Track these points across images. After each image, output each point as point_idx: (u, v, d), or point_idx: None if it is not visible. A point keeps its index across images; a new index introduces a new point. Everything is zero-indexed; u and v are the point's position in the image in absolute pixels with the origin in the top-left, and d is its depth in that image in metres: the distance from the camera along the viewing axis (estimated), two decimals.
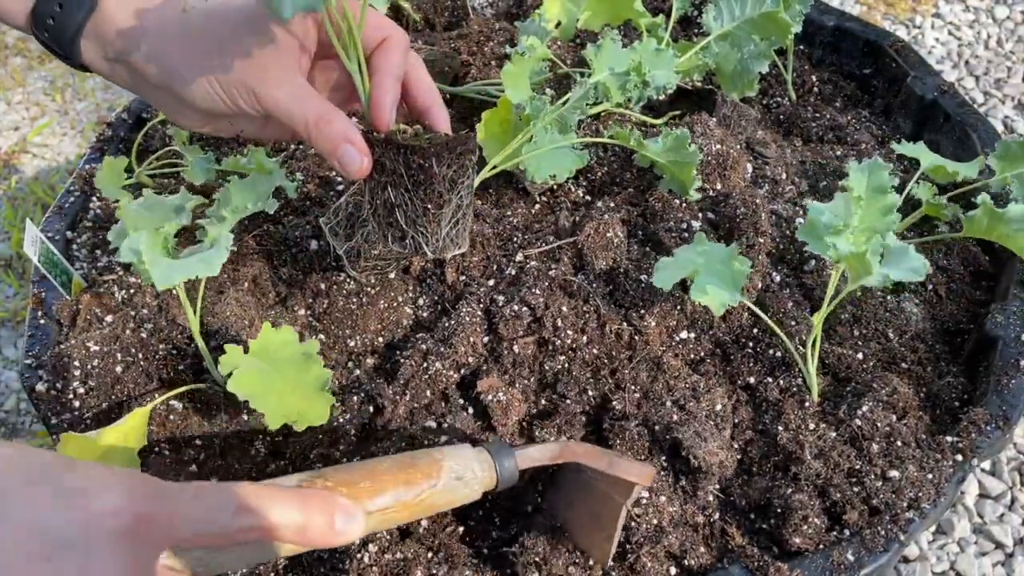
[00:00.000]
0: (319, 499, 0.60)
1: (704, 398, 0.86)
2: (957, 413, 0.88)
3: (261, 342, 0.79)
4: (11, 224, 1.88)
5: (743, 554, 0.77)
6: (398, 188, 0.73)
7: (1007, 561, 1.27)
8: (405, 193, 0.73)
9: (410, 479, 0.67)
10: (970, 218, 0.90)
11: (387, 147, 0.72)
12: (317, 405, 0.79)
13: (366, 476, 0.66)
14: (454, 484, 0.69)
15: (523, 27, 1.12)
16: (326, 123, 0.70)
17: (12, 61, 2.32)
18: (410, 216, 0.74)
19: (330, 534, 0.59)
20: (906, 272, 0.76)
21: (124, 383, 0.90)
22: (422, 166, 0.71)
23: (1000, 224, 0.87)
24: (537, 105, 0.95)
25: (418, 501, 0.67)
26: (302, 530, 0.58)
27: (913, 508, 0.77)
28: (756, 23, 1.13)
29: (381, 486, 0.66)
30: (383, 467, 0.68)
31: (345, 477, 0.65)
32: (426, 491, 0.68)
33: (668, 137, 0.99)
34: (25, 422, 1.56)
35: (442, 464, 0.69)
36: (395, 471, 0.67)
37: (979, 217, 0.88)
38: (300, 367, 0.79)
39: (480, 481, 0.71)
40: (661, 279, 0.87)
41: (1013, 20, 2.19)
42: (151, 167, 1.14)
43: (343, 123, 0.70)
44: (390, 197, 0.74)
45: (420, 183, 0.72)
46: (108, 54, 0.72)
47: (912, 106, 1.23)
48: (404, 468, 0.68)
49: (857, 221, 0.82)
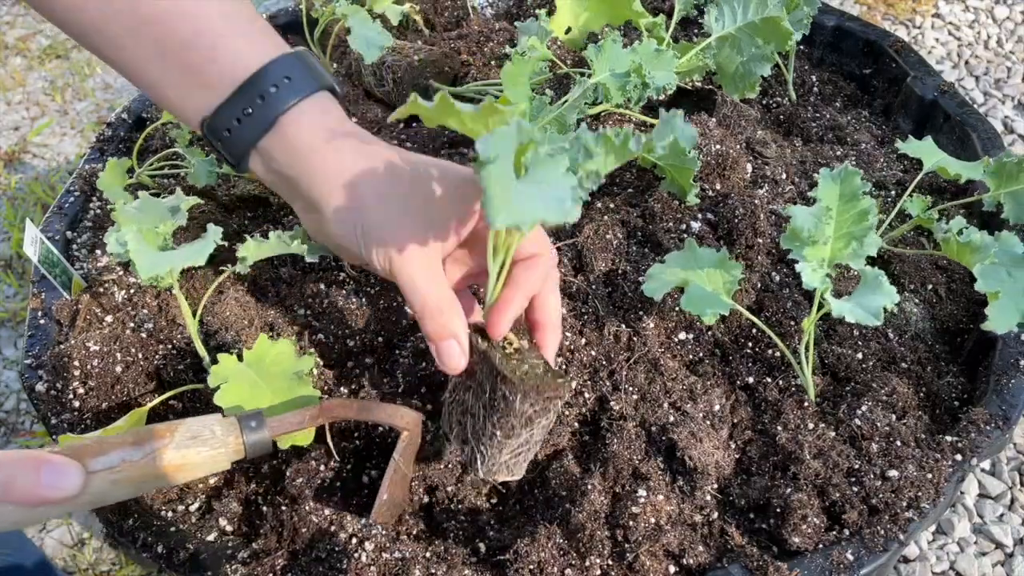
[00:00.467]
0: (26, 457, 0.61)
1: (702, 399, 0.86)
2: (957, 413, 0.88)
3: (256, 353, 0.79)
4: (11, 224, 1.88)
5: (742, 553, 0.77)
6: (478, 400, 0.71)
7: (1007, 561, 1.27)
8: (481, 409, 0.71)
9: (140, 439, 0.67)
10: (945, 240, 0.91)
11: (484, 360, 0.70)
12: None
13: (99, 440, 0.66)
14: (188, 443, 0.68)
15: (523, 27, 1.12)
16: (441, 314, 0.70)
17: (12, 61, 2.32)
18: (477, 430, 0.72)
19: (38, 489, 0.60)
20: (863, 313, 0.76)
21: (124, 383, 0.90)
22: (506, 397, 0.68)
23: (966, 251, 0.88)
24: (537, 105, 0.95)
25: (148, 461, 0.66)
26: (7, 487, 0.59)
27: (913, 508, 0.77)
28: (758, 27, 1.12)
29: (108, 446, 0.65)
30: (120, 434, 0.67)
31: (76, 443, 0.66)
32: (156, 449, 0.66)
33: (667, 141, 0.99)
34: (25, 422, 1.56)
35: (179, 426, 0.69)
36: (129, 435, 0.67)
37: (952, 241, 0.89)
38: (291, 384, 0.79)
39: (225, 444, 0.69)
40: (651, 289, 0.88)
41: (1013, 20, 2.19)
42: (152, 168, 1.14)
43: (458, 320, 0.70)
44: (467, 403, 0.73)
45: (498, 408, 0.69)
46: (273, 167, 0.73)
47: (912, 106, 1.23)
48: (139, 431, 0.68)
49: (832, 231, 0.82)
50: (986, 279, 0.84)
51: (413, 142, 1.20)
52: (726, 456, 0.83)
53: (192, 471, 0.69)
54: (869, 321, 0.76)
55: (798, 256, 0.81)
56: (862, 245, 0.81)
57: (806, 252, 0.80)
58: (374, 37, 1.16)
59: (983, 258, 0.85)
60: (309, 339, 0.93)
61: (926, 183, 1.13)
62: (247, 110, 0.70)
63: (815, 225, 0.81)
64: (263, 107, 0.69)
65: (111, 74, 2.29)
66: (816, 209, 0.82)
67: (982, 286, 0.83)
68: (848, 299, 0.79)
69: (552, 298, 0.75)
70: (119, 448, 0.66)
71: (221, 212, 1.09)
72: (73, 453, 0.64)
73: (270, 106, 0.70)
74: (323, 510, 0.78)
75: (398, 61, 1.23)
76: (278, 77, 0.70)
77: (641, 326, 0.91)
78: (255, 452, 0.71)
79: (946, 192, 1.12)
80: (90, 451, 0.65)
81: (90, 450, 0.65)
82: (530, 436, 0.71)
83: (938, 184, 1.13)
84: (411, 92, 1.24)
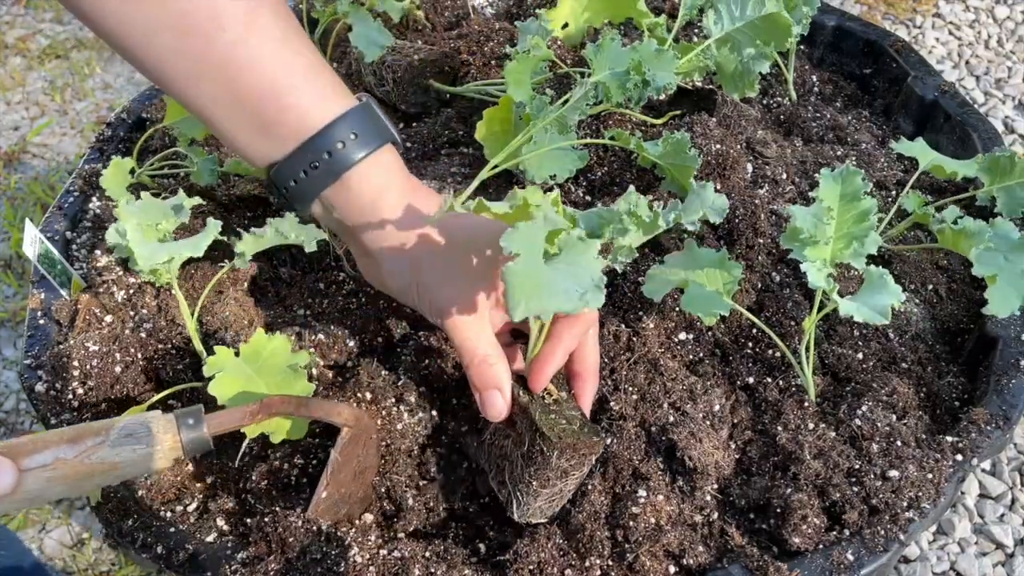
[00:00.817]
0: None
1: (701, 399, 0.86)
2: (957, 413, 0.88)
3: (253, 347, 0.80)
4: (11, 224, 1.88)
5: (743, 554, 0.77)
6: (516, 449, 0.74)
7: (1007, 561, 1.27)
8: (520, 458, 0.73)
9: (76, 436, 0.66)
10: (940, 231, 0.91)
11: (524, 413, 0.73)
12: (297, 420, 0.80)
13: (35, 437, 0.66)
14: (123, 441, 0.67)
15: (523, 27, 1.12)
16: (488, 365, 0.73)
17: (12, 61, 2.32)
18: (514, 477, 0.74)
19: None
20: (870, 312, 0.77)
21: (123, 383, 0.90)
22: (543, 451, 0.71)
23: (961, 238, 0.89)
24: (538, 104, 0.95)
25: (82, 460, 0.66)
26: None
27: (913, 508, 0.77)
28: (756, 26, 1.12)
29: (44, 444, 0.65)
30: (60, 430, 0.67)
31: (12, 441, 0.65)
32: (90, 447, 0.66)
33: (667, 141, 0.99)
34: (25, 422, 1.56)
35: (115, 423, 0.68)
36: (66, 433, 0.67)
37: (947, 231, 0.90)
38: (286, 378, 0.80)
39: (161, 443, 0.69)
40: (650, 290, 0.88)
41: (1013, 20, 2.19)
42: (152, 168, 1.14)
43: (503, 372, 0.74)
44: (507, 449, 0.75)
45: (535, 461, 0.72)
46: (335, 215, 0.77)
47: (913, 106, 1.23)
48: (77, 429, 0.67)
49: (832, 231, 0.82)
50: (983, 264, 0.84)
51: (413, 142, 1.20)
52: (726, 456, 0.83)
53: (128, 469, 0.68)
54: (877, 320, 0.76)
55: (799, 256, 0.81)
56: (863, 245, 0.81)
57: (807, 252, 0.80)
58: (375, 36, 1.16)
59: (979, 244, 0.85)
60: (309, 339, 0.93)
61: (926, 183, 1.13)
62: (314, 164, 0.73)
63: (815, 225, 0.81)
64: (330, 162, 0.73)
65: (111, 74, 2.29)
66: (816, 209, 0.82)
67: (979, 271, 0.84)
68: (854, 298, 0.79)
69: (592, 352, 0.79)
70: (54, 446, 0.65)
71: (221, 212, 1.09)
72: (7, 451, 0.63)
73: (337, 162, 0.73)
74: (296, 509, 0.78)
75: (398, 61, 1.23)
76: (345, 133, 0.73)
77: (641, 326, 0.91)
78: (193, 450, 0.70)
79: (946, 192, 1.12)
80: (24, 449, 0.64)
81: (24, 448, 0.64)
82: (564, 486, 0.74)
83: (938, 184, 1.13)
84: (411, 91, 1.24)
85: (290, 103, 0.72)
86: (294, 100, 0.72)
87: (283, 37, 0.71)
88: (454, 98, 1.25)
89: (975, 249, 0.85)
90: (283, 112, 0.72)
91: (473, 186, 1.01)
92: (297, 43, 0.73)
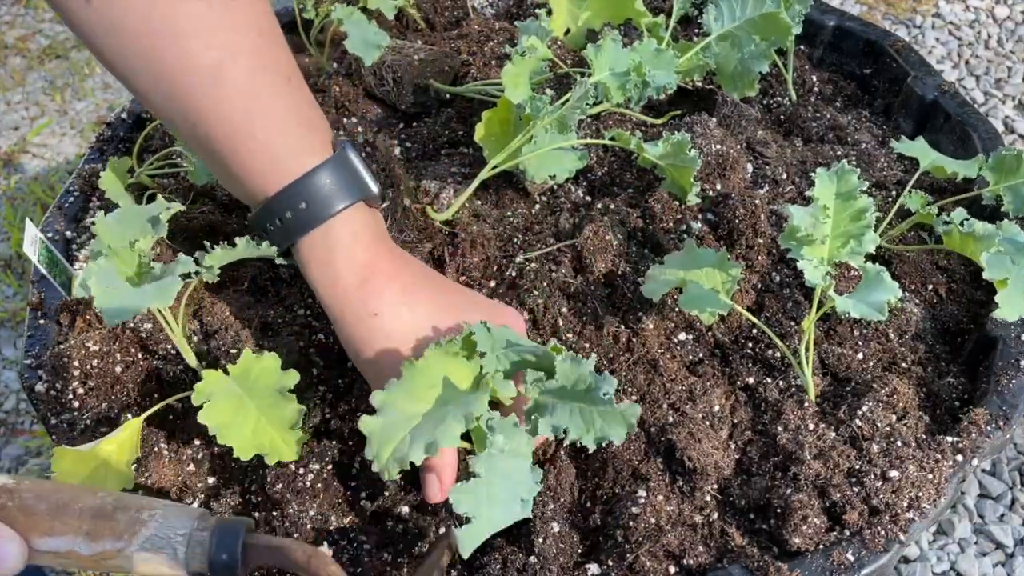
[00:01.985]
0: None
1: (701, 399, 0.86)
2: (957, 413, 0.88)
3: (242, 367, 0.79)
4: (11, 224, 1.88)
5: (743, 554, 0.77)
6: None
7: (1007, 561, 1.27)
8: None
9: (96, 531, 0.62)
10: (947, 232, 0.91)
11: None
12: (289, 441, 0.80)
13: (56, 508, 0.61)
14: (145, 557, 0.62)
15: (523, 27, 1.12)
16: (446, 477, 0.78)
17: (12, 61, 2.32)
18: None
19: None
20: (867, 309, 0.77)
21: (123, 383, 0.90)
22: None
23: (970, 241, 0.89)
24: (537, 105, 0.95)
25: (96, 561, 0.61)
26: None
27: (913, 508, 0.77)
28: (756, 24, 1.13)
29: (61, 527, 0.61)
30: (82, 503, 0.62)
31: (32, 502, 0.61)
32: (109, 553, 0.62)
33: (667, 142, 0.99)
34: (25, 422, 1.56)
35: (139, 531, 0.63)
36: (88, 515, 0.62)
37: (954, 233, 0.90)
38: (277, 400, 0.79)
39: (187, 567, 0.63)
40: (649, 290, 0.88)
41: (1013, 20, 2.19)
42: (151, 168, 1.14)
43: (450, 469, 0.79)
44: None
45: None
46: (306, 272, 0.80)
47: (913, 106, 1.23)
48: (99, 514, 0.62)
49: (829, 229, 0.82)
50: (993, 267, 0.84)
51: (413, 142, 1.20)
52: (726, 456, 0.83)
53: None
54: (873, 316, 0.76)
55: (796, 255, 0.81)
56: (860, 243, 0.81)
57: (804, 251, 0.80)
58: (371, 37, 1.16)
59: (988, 247, 0.85)
60: (309, 339, 0.93)
61: (926, 183, 1.13)
62: (271, 225, 0.77)
63: (813, 224, 0.81)
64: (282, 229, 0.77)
65: (111, 74, 2.29)
66: (813, 208, 0.82)
67: (990, 274, 0.83)
68: (851, 295, 0.79)
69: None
70: (71, 535, 0.61)
71: (221, 212, 1.09)
72: (24, 522, 0.60)
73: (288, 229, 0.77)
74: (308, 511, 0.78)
75: (398, 61, 1.23)
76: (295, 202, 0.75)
77: (640, 327, 0.91)
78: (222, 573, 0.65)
79: (947, 192, 1.12)
80: (41, 527, 0.60)
81: (41, 526, 0.60)
82: None
83: (938, 184, 1.13)
84: (411, 91, 1.24)
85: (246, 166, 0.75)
86: (249, 164, 0.75)
87: (251, 91, 0.73)
88: (454, 98, 1.25)
89: (986, 253, 0.84)
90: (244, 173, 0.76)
91: (473, 186, 1.01)
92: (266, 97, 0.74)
